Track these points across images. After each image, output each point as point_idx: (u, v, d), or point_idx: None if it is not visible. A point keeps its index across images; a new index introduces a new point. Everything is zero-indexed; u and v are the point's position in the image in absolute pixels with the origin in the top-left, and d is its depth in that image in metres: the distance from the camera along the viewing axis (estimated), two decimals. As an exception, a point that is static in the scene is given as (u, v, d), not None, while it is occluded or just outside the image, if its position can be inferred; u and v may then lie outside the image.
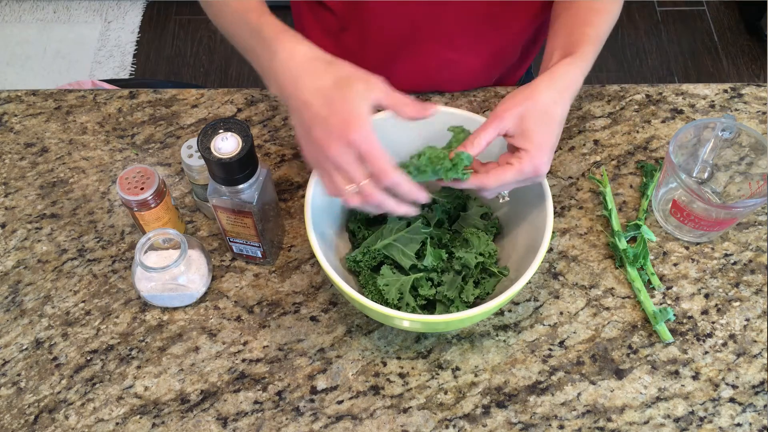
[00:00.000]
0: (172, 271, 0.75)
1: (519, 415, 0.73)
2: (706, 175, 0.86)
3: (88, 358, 0.76)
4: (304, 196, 0.77)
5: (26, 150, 0.92)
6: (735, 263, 0.82)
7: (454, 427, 0.72)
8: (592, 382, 0.75)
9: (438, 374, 0.75)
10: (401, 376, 0.75)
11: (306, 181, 0.82)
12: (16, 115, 0.95)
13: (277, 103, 0.95)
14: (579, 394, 0.74)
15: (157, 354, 0.77)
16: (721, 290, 0.80)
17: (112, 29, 2.20)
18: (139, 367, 0.76)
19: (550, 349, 0.77)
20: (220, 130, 0.68)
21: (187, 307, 0.80)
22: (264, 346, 0.77)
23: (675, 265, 0.82)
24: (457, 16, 0.86)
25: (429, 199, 0.66)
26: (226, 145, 0.67)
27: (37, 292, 0.81)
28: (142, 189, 0.75)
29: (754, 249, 0.83)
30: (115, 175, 0.89)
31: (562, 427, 0.72)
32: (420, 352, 0.77)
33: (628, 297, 0.80)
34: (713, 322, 0.78)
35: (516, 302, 0.80)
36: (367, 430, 0.72)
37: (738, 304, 0.79)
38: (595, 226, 0.85)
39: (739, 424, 0.72)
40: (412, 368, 0.76)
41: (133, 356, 0.77)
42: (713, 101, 0.96)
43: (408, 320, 0.67)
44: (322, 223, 0.73)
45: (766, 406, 0.73)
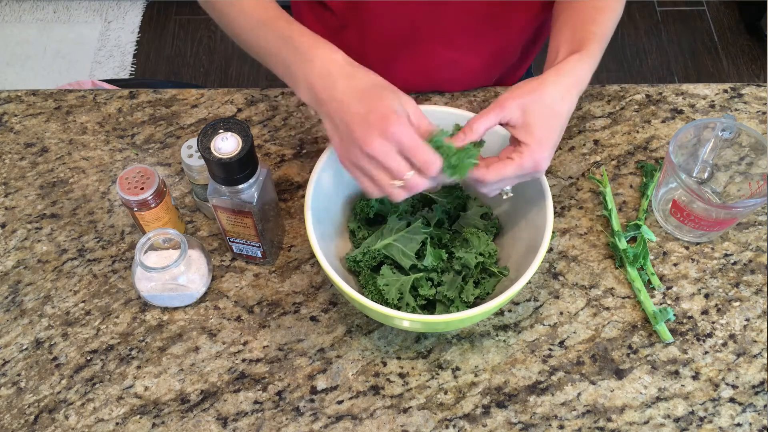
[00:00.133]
0: (172, 271, 0.75)
1: (519, 415, 0.73)
2: (706, 175, 0.86)
3: (88, 358, 0.76)
4: (304, 196, 0.77)
5: (26, 150, 0.92)
6: (735, 263, 0.82)
7: (454, 427, 0.72)
8: (592, 382, 0.75)
9: (438, 374, 0.75)
10: (401, 376, 0.75)
11: (306, 181, 0.82)
12: (16, 115, 0.95)
13: (277, 102, 0.95)
14: (579, 394, 0.74)
15: (157, 354, 0.77)
16: (721, 290, 0.80)
17: (112, 29, 2.20)
18: (139, 367, 0.76)
19: (550, 349, 0.77)
20: (220, 130, 0.68)
21: (187, 307, 0.80)
22: (264, 346, 0.77)
23: (675, 265, 0.82)
24: (457, 16, 0.86)
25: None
26: (226, 145, 0.67)
27: (37, 292, 0.81)
28: (142, 189, 0.75)
29: (754, 249, 0.83)
30: (115, 175, 0.89)
31: (562, 427, 0.72)
32: (420, 352, 0.77)
33: (628, 297, 0.80)
34: (713, 322, 0.78)
35: (516, 302, 0.80)
36: (367, 430, 0.72)
37: (738, 304, 0.79)
38: (595, 226, 0.85)
39: (739, 424, 0.72)
40: (412, 368, 0.76)
41: (133, 356, 0.77)
42: (713, 101, 0.96)
43: (408, 320, 0.67)
44: (322, 223, 0.73)
45: (766, 406, 0.73)
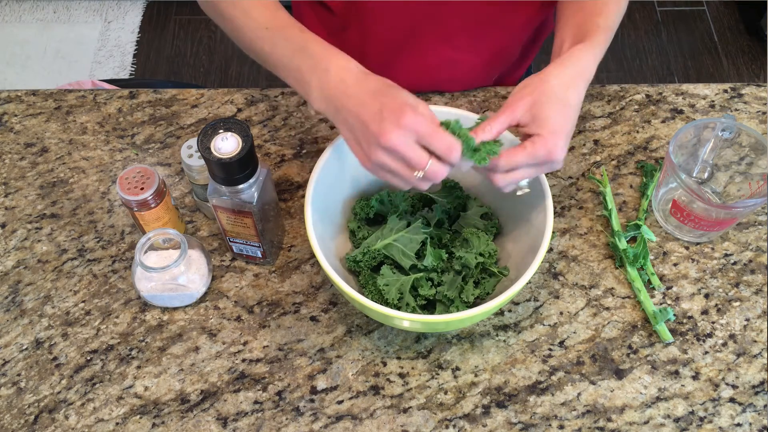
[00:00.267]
0: (172, 271, 0.75)
1: (519, 415, 0.73)
2: (706, 175, 0.86)
3: (88, 358, 0.76)
4: (304, 196, 0.77)
5: (26, 150, 0.92)
6: (735, 263, 0.82)
7: (454, 427, 0.72)
8: (592, 382, 0.75)
9: (438, 374, 0.75)
10: (401, 376, 0.75)
11: (306, 181, 0.82)
12: (16, 115, 0.95)
13: (277, 102, 0.95)
14: (579, 394, 0.74)
15: (157, 354, 0.77)
16: (721, 290, 0.80)
17: (112, 29, 2.20)
18: (139, 367, 0.76)
19: (550, 349, 0.77)
20: (220, 130, 0.68)
21: (187, 307, 0.80)
22: (264, 346, 0.77)
23: (675, 265, 0.82)
24: (457, 16, 0.86)
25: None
26: (226, 145, 0.67)
27: (37, 292, 0.81)
28: (142, 189, 0.75)
29: (754, 249, 0.83)
30: (115, 175, 0.89)
31: (562, 427, 0.72)
32: (420, 352, 0.77)
33: (628, 297, 0.80)
34: (713, 322, 0.78)
35: (516, 302, 0.80)
36: (367, 430, 0.72)
37: (738, 304, 0.79)
38: (595, 226, 0.85)
39: (739, 424, 0.72)
40: (412, 368, 0.76)
41: (133, 356, 0.77)
42: (713, 101, 0.96)
43: (408, 320, 0.67)
44: (322, 223, 0.73)
45: (766, 406, 0.73)
